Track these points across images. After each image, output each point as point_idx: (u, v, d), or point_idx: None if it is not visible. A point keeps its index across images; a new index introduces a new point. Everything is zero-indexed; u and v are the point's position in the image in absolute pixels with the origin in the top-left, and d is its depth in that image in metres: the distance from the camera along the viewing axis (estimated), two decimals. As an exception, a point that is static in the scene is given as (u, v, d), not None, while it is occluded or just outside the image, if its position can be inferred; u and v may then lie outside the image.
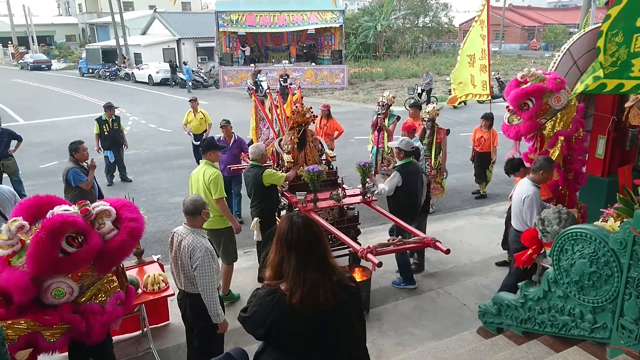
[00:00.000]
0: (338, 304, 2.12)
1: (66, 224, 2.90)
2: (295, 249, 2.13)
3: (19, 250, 2.93)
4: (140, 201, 8.53)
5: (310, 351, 2.15)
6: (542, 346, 3.73)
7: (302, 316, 2.08)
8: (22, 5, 46.54)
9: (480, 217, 7.81)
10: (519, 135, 5.19)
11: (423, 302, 5.39)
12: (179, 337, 4.56)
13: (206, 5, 56.39)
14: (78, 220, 2.98)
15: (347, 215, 5.97)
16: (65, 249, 2.89)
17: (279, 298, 2.10)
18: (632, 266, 3.14)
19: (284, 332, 2.12)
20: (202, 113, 10.24)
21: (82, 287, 3.06)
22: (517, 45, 49.99)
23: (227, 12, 24.19)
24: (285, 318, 2.09)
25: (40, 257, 2.81)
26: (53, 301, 2.96)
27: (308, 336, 2.13)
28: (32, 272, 2.84)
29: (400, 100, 18.80)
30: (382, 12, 37.17)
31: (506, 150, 5.47)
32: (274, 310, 2.10)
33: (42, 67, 39.19)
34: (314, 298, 2.08)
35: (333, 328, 2.16)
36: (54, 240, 2.83)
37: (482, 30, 7.54)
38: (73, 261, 2.92)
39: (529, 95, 4.95)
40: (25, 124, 16.83)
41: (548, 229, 4.81)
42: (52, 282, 2.92)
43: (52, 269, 2.88)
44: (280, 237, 2.19)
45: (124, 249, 3.14)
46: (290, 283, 2.10)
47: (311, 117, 5.97)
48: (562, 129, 5.02)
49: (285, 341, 2.15)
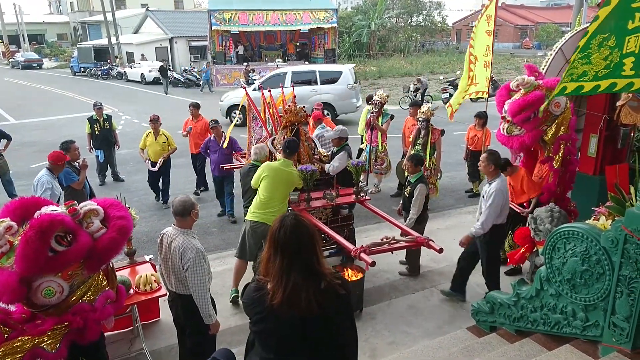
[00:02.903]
0: (324, 311, 2.07)
1: (55, 222, 2.89)
2: (281, 250, 2.11)
3: (7, 252, 2.90)
4: (133, 201, 8.48)
5: (295, 354, 2.13)
6: (535, 344, 3.75)
7: (283, 318, 2.07)
8: (13, 4, 46.16)
9: (473, 216, 7.80)
10: (524, 146, 5.13)
11: (416, 301, 5.39)
12: (171, 338, 4.54)
13: (199, 4, 56.21)
14: (66, 219, 2.97)
15: (340, 214, 5.96)
16: (55, 248, 2.88)
17: (263, 296, 2.11)
18: (623, 264, 3.16)
19: (267, 329, 2.13)
20: (164, 136, 8.34)
21: (72, 286, 3.04)
22: (510, 44, 50.18)
23: (220, 11, 24.09)
24: (269, 316, 2.09)
25: (30, 256, 2.79)
26: (44, 301, 2.93)
27: (292, 339, 2.11)
28: (21, 272, 2.81)
29: (394, 99, 18.82)
30: (375, 11, 37.24)
31: (499, 149, 5.47)
32: (258, 307, 2.12)
33: (33, 66, 38.91)
34: (295, 302, 2.04)
35: (319, 334, 2.12)
36: (43, 239, 2.82)
37: (489, 25, 7.29)
38: (63, 260, 2.91)
39: (533, 107, 4.90)
40: (16, 123, 16.69)
41: (540, 227, 4.85)
42: (43, 282, 2.90)
43: (42, 268, 2.85)
44: (270, 237, 2.18)
45: (113, 247, 3.13)
46: (273, 283, 2.10)
47: (304, 117, 5.96)
48: (563, 133, 5.03)
49: (269, 339, 2.15)
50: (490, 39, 7.29)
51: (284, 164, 5.26)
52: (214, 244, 7.02)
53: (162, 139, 8.28)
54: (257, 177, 5.27)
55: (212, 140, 7.76)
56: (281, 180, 5.18)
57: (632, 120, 5.29)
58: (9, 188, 8.70)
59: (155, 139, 8.24)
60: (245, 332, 4.78)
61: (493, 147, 8.63)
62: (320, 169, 5.82)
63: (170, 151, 8.35)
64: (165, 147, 8.30)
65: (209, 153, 7.87)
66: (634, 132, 6.02)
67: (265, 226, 5.13)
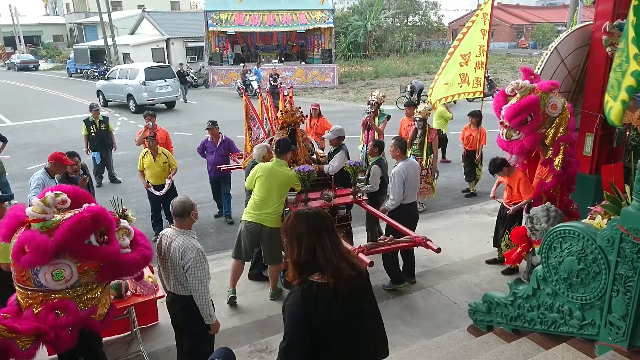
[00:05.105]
0: (360, 281, 2.24)
1: (107, 219, 3.14)
2: (307, 237, 2.19)
3: (46, 220, 3.00)
4: (130, 202, 8.46)
5: (346, 333, 2.23)
6: (532, 343, 3.76)
7: (338, 298, 2.15)
8: (9, 5, 45.97)
9: (470, 215, 7.85)
10: (523, 150, 5.15)
11: (414, 300, 5.40)
12: (169, 340, 4.53)
13: (195, 5, 56.12)
14: (114, 223, 3.22)
15: (338, 214, 5.96)
16: (91, 240, 3.05)
17: (317, 288, 2.16)
18: (619, 263, 3.17)
19: (326, 316, 2.17)
20: (164, 155, 7.13)
21: (77, 282, 3.10)
22: (505, 44, 50.31)
23: (216, 12, 24.08)
24: (327, 303, 2.15)
25: (76, 232, 2.96)
26: (49, 282, 3.00)
27: (344, 317, 2.20)
28: (58, 242, 2.93)
29: (391, 99, 18.84)
30: (371, 11, 37.25)
31: (495, 149, 5.50)
32: (315, 300, 2.15)
33: (30, 68, 38.82)
34: (347, 279, 2.17)
35: (361, 306, 2.27)
36: (92, 225, 3.03)
37: (484, 24, 7.24)
38: (91, 252, 3.06)
39: (528, 110, 4.92)
40: (12, 125, 16.64)
41: (537, 226, 4.86)
42: (60, 262, 3.00)
43: (75, 248, 3.00)
44: (306, 231, 2.20)
45: (132, 267, 3.31)
46: (330, 268, 2.16)
47: (300, 117, 5.97)
48: (562, 134, 5.05)
49: (326, 326, 2.19)
50: (484, 38, 7.24)
51: (277, 163, 5.26)
52: (211, 245, 7.01)
53: (162, 159, 7.11)
54: (251, 177, 5.26)
55: (208, 141, 7.75)
56: (275, 180, 5.18)
57: (627, 120, 5.31)
58: (5, 190, 8.67)
59: (155, 160, 7.06)
60: (243, 334, 4.81)
61: (489, 147, 8.73)
62: (317, 169, 5.83)
63: (172, 172, 7.22)
64: (167, 167, 7.15)
65: (205, 154, 7.85)
66: (629, 131, 6.05)
67: (259, 226, 5.14)
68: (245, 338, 4.75)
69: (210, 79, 25.36)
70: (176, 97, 19.66)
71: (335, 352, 2.21)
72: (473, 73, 7.47)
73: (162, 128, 8.57)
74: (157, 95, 18.88)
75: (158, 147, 7.11)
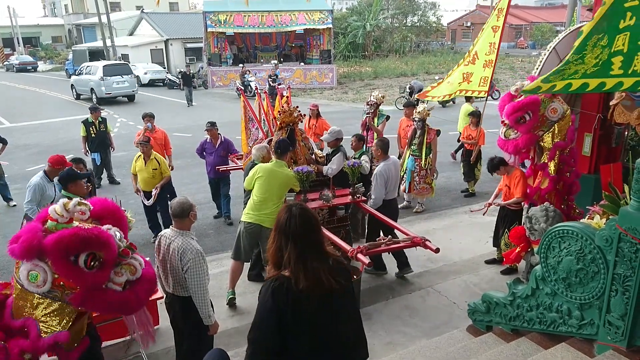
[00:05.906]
0: (339, 285, 2.26)
1: (104, 246, 2.91)
2: (293, 238, 2.24)
3: (59, 223, 2.93)
4: (129, 203, 8.45)
5: (320, 332, 2.26)
6: (531, 343, 3.77)
7: (311, 298, 2.20)
8: (7, 6, 46.05)
9: (469, 216, 7.85)
10: (518, 149, 5.15)
11: (413, 301, 5.40)
12: (168, 341, 4.53)
13: (194, 6, 56.11)
14: (114, 254, 2.96)
15: (337, 215, 5.97)
16: (78, 260, 2.85)
17: (288, 283, 2.21)
18: (617, 263, 3.17)
19: (298, 313, 2.20)
20: (156, 161, 6.81)
21: (48, 293, 2.92)
22: (505, 44, 50.27)
23: (215, 13, 24.10)
24: (299, 300, 2.19)
25: (61, 244, 2.81)
26: (23, 280, 2.87)
27: (318, 317, 2.24)
28: (43, 245, 2.82)
29: (390, 99, 18.85)
30: (370, 12, 37.26)
31: (494, 149, 5.50)
32: (286, 295, 2.19)
33: (28, 69, 38.82)
34: (319, 282, 2.20)
35: (337, 309, 2.29)
36: (82, 245, 2.84)
37: (497, 20, 6.88)
38: (70, 271, 2.85)
39: (525, 108, 4.93)
40: (11, 127, 16.63)
41: (536, 226, 4.87)
42: (40, 265, 2.85)
43: (55, 259, 2.84)
44: (279, 228, 2.29)
45: (114, 305, 3.01)
46: (293, 270, 2.21)
47: (299, 116, 5.97)
48: (559, 140, 5.05)
49: (298, 323, 2.22)
50: (496, 35, 6.90)
51: (277, 164, 5.26)
52: (210, 247, 7.01)
53: (153, 165, 6.75)
54: (250, 178, 5.26)
55: (207, 142, 7.75)
56: (275, 181, 5.18)
57: (625, 119, 5.31)
58: (4, 191, 8.68)
59: (145, 164, 6.76)
60: (242, 334, 4.80)
61: (488, 146, 8.74)
62: (316, 170, 5.83)
63: (163, 180, 6.83)
64: (157, 174, 6.78)
65: (204, 155, 7.84)
66: (627, 130, 6.06)
67: (259, 227, 5.13)
68: (245, 339, 4.73)
69: (209, 80, 25.37)
70: (133, 91, 21.84)
71: (307, 350, 2.26)
72: (481, 72, 7.07)
73: (161, 129, 8.58)
74: (114, 89, 21.21)
75: (152, 152, 6.87)
